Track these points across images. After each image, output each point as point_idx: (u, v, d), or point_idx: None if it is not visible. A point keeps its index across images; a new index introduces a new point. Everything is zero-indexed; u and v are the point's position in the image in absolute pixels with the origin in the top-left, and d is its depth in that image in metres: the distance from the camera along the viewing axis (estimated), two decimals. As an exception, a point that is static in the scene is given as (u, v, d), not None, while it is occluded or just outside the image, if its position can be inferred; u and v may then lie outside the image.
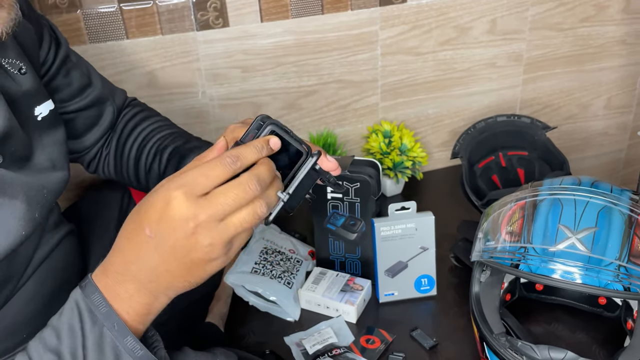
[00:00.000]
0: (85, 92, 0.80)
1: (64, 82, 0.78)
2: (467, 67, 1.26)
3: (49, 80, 0.76)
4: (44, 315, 0.71)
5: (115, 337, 0.51)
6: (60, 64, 0.77)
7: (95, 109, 0.82)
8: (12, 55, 0.66)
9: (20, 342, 0.68)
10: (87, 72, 0.81)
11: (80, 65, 0.81)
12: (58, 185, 0.69)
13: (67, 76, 0.78)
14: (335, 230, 0.99)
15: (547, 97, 1.36)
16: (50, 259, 0.72)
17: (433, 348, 0.87)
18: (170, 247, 0.48)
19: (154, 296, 0.52)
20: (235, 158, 0.49)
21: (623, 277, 0.72)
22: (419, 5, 1.17)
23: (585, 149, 1.47)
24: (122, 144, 0.84)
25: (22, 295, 0.68)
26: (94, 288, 0.52)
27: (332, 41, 1.15)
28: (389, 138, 1.22)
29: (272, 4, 1.08)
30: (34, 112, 0.68)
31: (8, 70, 0.65)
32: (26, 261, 0.68)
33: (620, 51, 1.35)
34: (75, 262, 0.79)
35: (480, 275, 0.86)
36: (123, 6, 1.01)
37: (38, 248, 0.70)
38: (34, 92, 0.68)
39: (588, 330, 0.88)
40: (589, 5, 1.27)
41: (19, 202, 0.61)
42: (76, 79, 0.79)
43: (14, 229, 0.60)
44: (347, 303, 0.93)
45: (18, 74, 0.66)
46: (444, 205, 1.18)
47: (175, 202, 0.47)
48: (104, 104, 0.83)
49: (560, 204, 0.78)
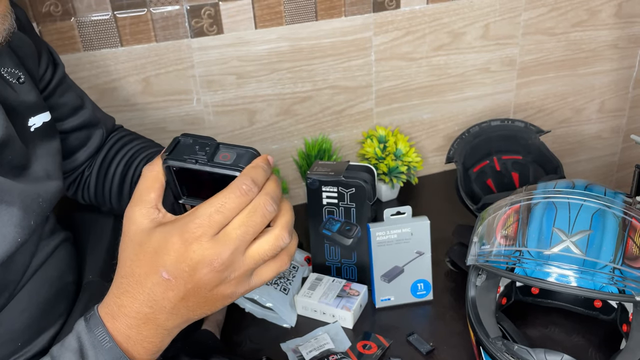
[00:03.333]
0: (78, 113, 0.82)
1: (59, 101, 0.79)
2: (461, 72, 1.27)
3: (45, 98, 0.77)
4: (38, 324, 0.70)
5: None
6: (57, 84, 0.78)
7: (86, 131, 0.83)
8: (10, 65, 0.67)
9: (15, 350, 0.68)
10: (80, 94, 0.83)
11: (75, 88, 0.83)
12: (53, 195, 0.69)
13: (62, 96, 0.79)
14: (331, 235, 0.99)
15: (541, 101, 1.37)
16: (45, 266, 0.72)
17: (430, 353, 0.87)
18: (193, 287, 0.47)
19: (168, 333, 0.51)
20: (252, 185, 0.46)
21: (618, 280, 0.72)
22: (413, 11, 1.17)
23: (579, 153, 1.48)
24: (107, 164, 0.85)
25: (17, 304, 0.68)
26: (98, 321, 0.50)
27: (327, 47, 1.15)
28: (384, 143, 1.22)
29: (266, 11, 1.09)
30: (28, 123, 0.69)
31: (7, 79, 0.66)
32: (23, 269, 0.68)
33: (612, 55, 1.36)
34: (70, 270, 0.79)
35: (476, 279, 0.86)
36: (117, 14, 1.01)
37: (34, 256, 0.70)
38: (30, 103, 0.69)
39: (584, 334, 0.88)
40: (581, 10, 1.28)
41: (16, 210, 0.61)
42: (70, 99, 0.81)
43: (10, 235, 0.60)
44: (343, 309, 0.93)
45: (16, 83, 0.67)
46: (439, 209, 1.18)
47: (195, 245, 0.46)
48: (94, 126, 0.84)
49: (554, 207, 0.78)
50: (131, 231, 0.49)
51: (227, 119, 1.16)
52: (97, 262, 0.85)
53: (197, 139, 0.49)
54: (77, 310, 0.77)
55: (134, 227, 0.49)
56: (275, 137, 1.21)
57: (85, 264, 0.85)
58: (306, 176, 0.97)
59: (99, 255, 0.86)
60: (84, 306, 0.78)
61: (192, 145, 0.49)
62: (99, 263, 0.86)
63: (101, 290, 0.82)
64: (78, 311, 0.77)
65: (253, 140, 1.20)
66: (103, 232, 0.89)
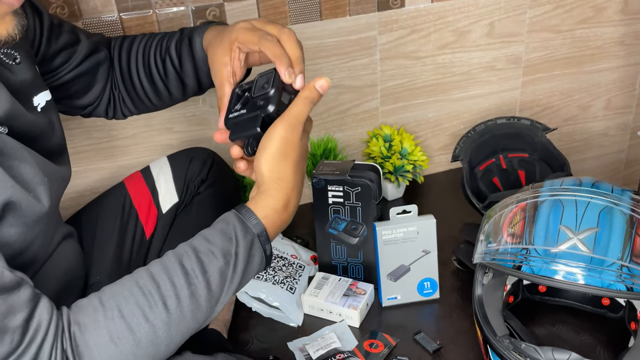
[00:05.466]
0: (76, 49, 0.82)
1: (57, 47, 0.79)
2: (466, 71, 1.27)
3: (44, 52, 0.77)
4: None
5: (262, 243, 0.65)
6: (48, 32, 0.78)
7: (90, 60, 0.83)
8: (6, 47, 0.67)
9: None
10: (72, 30, 0.83)
11: (65, 27, 0.82)
12: (63, 170, 0.71)
13: (58, 41, 0.80)
14: (337, 234, 0.99)
15: (547, 98, 1.36)
16: (52, 259, 0.73)
17: (437, 351, 0.87)
18: (301, 153, 0.67)
19: (288, 213, 0.67)
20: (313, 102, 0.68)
21: (626, 277, 0.72)
22: (417, 10, 1.17)
23: (586, 150, 1.47)
24: (127, 72, 0.85)
25: None
26: (243, 206, 0.65)
27: (331, 47, 1.15)
28: (390, 142, 1.22)
29: (271, 11, 1.09)
30: (33, 103, 0.70)
31: (3, 60, 0.67)
32: (36, 253, 0.69)
33: (618, 52, 1.35)
34: (76, 266, 0.80)
35: (482, 277, 0.85)
36: (123, 15, 1.02)
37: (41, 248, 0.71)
38: (30, 81, 0.70)
39: (592, 332, 0.88)
40: (587, 7, 1.27)
41: (29, 166, 0.62)
42: (66, 40, 0.81)
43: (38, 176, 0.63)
44: (350, 307, 0.93)
45: (13, 64, 0.68)
46: (445, 208, 1.18)
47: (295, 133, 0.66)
48: (95, 52, 0.84)
49: (561, 204, 0.78)
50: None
51: (233, 119, 1.16)
52: (103, 264, 0.86)
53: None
54: None
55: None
56: (280, 136, 1.21)
57: (92, 265, 0.85)
58: (312, 176, 0.97)
59: (105, 256, 0.87)
60: None
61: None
62: (106, 264, 0.86)
63: None
64: None
65: (259, 140, 1.20)
66: (109, 234, 0.89)
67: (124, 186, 0.94)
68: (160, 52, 0.83)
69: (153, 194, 0.93)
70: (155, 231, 0.92)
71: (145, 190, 0.94)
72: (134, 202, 0.92)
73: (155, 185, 0.94)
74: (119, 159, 1.13)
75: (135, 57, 0.85)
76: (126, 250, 0.89)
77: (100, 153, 1.10)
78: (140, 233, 0.91)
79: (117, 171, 1.13)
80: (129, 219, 0.91)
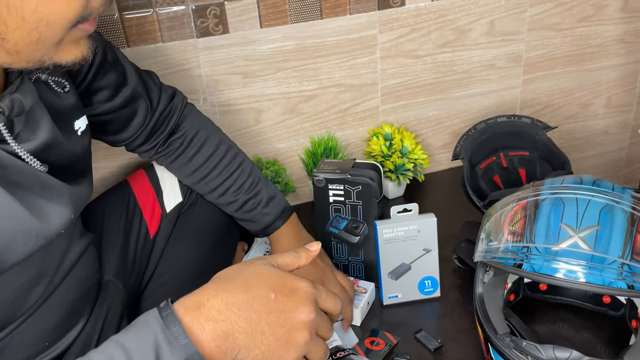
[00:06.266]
0: (120, 91, 0.82)
1: (100, 84, 0.80)
2: (466, 69, 1.27)
3: (88, 85, 0.78)
4: (65, 324, 0.72)
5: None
6: (96, 70, 0.79)
7: (130, 108, 0.84)
8: (57, 74, 0.69)
9: (42, 349, 0.69)
10: (122, 72, 0.83)
11: (117, 66, 0.82)
12: (87, 191, 0.73)
13: (103, 79, 0.80)
14: (337, 233, 0.99)
15: (547, 97, 1.36)
16: (76, 268, 0.74)
17: (438, 349, 0.87)
18: (287, 316, 0.54)
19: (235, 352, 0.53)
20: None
21: (627, 275, 0.72)
22: (418, 9, 1.17)
23: (587, 148, 1.48)
24: (191, 153, 0.91)
25: (49, 305, 0.69)
26: (174, 319, 0.52)
27: (332, 45, 1.15)
28: (390, 141, 1.22)
29: (271, 10, 1.09)
30: (74, 127, 0.72)
31: (53, 88, 0.68)
32: (56, 263, 0.70)
33: (619, 50, 1.35)
34: (95, 272, 0.80)
35: (483, 276, 0.86)
36: (123, 14, 1.02)
37: (66, 256, 0.72)
38: (73, 106, 0.72)
39: (593, 330, 0.88)
40: (587, 5, 1.27)
41: (63, 207, 0.65)
42: (112, 80, 0.81)
43: (66, 212, 0.65)
44: (351, 306, 0.93)
45: (62, 92, 0.69)
46: (446, 206, 1.18)
47: (308, 292, 0.56)
48: (137, 100, 0.85)
49: (562, 203, 0.78)
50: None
51: (234, 118, 1.16)
52: (111, 263, 0.86)
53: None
54: (96, 308, 0.78)
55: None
56: (281, 135, 1.22)
57: (104, 266, 0.86)
58: (313, 174, 0.98)
59: (112, 255, 0.87)
60: (101, 304, 0.79)
61: None
62: (113, 263, 0.86)
63: (115, 289, 0.84)
64: (96, 309, 0.78)
65: (259, 139, 1.21)
66: (115, 233, 0.90)
67: (128, 185, 0.95)
68: (234, 189, 0.92)
69: (157, 193, 0.94)
70: (159, 230, 0.92)
71: (150, 189, 0.94)
72: (139, 201, 0.93)
73: (159, 184, 0.94)
74: (119, 158, 1.13)
75: (208, 155, 0.91)
76: (131, 249, 0.90)
77: (100, 152, 1.10)
78: (144, 232, 0.91)
79: (118, 170, 1.13)
80: (134, 218, 0.92)
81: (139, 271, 0.90)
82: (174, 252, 0.92)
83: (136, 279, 0.89)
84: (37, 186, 0.61)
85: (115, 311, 0.81)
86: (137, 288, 0.90)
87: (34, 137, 0.62)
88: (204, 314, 0.52)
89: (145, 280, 0.91)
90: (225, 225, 0.98)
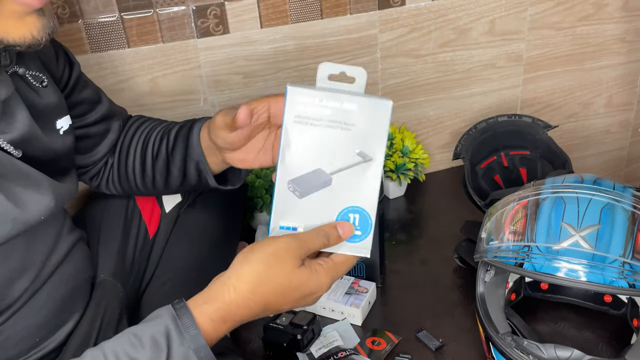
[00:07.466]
0: (96, 107, 0.84)
1: (78, 98, 0.81)
2: (467, 68, 1.27)
3: (65, 97, 0.79)
4: (55, 320, 0.72)
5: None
6: (74, 82, 0.80)
7: (104, 124, 0.85)
8: (34, 68, 0.69)
9: (33, 345, 0.69)
10: (96, 89, 0.85)
11: (90, 84, 0.85)
12: (71, 187, 0.73)
13: (81, 93, 0.81)
14: (338, 233, 0.98)
15: (548, 96, 1.36)
16: (63, 264, 0.74)
17: (439, 349, 0.87)
18: (297, 300, 0.59)
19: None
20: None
21: (628, 274, 0.72)
22: (418, 8, 1.17)
23: (588, 147, 1.47)
24: (126, 148, 0.86)
25: (37, 300, 0.69)
26: (186, 311, 0.56)
27: (332, 45, 1.15)
28: (391, 140, 1.22)
29: (272, 10, 1.09)
30: (56, 126, 0.72)
31: (31, 82, 0.68)
32: (42, 258, 0.70)
33: (619, 49, 1.35)
34: (85, 268, 0.80)
35: (484, 275, 0.86)
36: (124, 15, 1.02)
37: (53, 251, 0.72)
38: (54, 105, 0.72)
39: (594, 328, 0.88)
40: (588, 4, 1.27)
41: (42, 195, 0.65)
42: (88, 95, 0.83)
43: (45, 201, 0.65)
44: (352, 306, 0.93)
45: (40, 87, 0.69)
46: (447, 206, 1.18)
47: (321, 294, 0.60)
48: (112, 118, 0.86)
49: (562, 202, 0.78)
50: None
51: (234, 118, 1.16)
52: (108, 262, 0.86)
53: None
54: (91, 307, 0.78)
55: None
56: (282, 135, 1.22)
57: (98, 263, 0.86)
58: (313, 174, 0.96)
59: (110, 255, 0.87)
60: (97, 303, 0.79)
61: None
62: (110, 263, 0.86)
63: (113, 289, 0.84)
64: (92, 308, 0.78)
65: (260, 139, 1.21)
66: (113, 233, 0.90)
67: (126, 185, 0.95)
68: (161, 133, 0.84)
69: None
70: (158, 230, 0.92)
71: None
72: (138, 201, 0.93)
73: None
74: (121, 158, 1.13)
75: (140, 133, 0.86)
76: (130, 249, 0.90)
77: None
78: (143, 232, 0.91)
79: (119, 171, 1.14)
80: (133, 218, 0.92)
81: (139, 271, 0.90)
82: (174, 252, 0.92)
83: (136, 279, 0.89)
84: (14, 174, 0.62)
85: (114, 311, 0.81)
86: (137, 288, 0.90)
87: (10, 129, 0.63)
88: (220, 316, 0.56)
89: (145, 280, 0.91)
90: (225, 224, 0.98)
